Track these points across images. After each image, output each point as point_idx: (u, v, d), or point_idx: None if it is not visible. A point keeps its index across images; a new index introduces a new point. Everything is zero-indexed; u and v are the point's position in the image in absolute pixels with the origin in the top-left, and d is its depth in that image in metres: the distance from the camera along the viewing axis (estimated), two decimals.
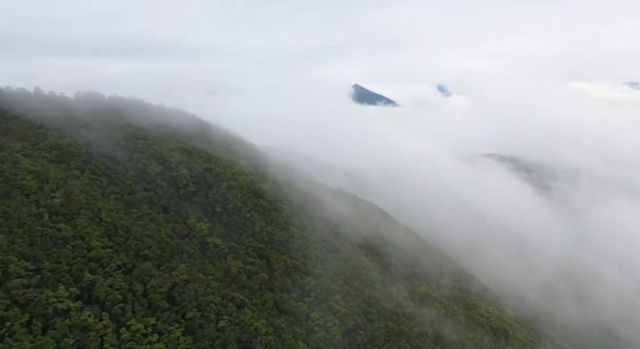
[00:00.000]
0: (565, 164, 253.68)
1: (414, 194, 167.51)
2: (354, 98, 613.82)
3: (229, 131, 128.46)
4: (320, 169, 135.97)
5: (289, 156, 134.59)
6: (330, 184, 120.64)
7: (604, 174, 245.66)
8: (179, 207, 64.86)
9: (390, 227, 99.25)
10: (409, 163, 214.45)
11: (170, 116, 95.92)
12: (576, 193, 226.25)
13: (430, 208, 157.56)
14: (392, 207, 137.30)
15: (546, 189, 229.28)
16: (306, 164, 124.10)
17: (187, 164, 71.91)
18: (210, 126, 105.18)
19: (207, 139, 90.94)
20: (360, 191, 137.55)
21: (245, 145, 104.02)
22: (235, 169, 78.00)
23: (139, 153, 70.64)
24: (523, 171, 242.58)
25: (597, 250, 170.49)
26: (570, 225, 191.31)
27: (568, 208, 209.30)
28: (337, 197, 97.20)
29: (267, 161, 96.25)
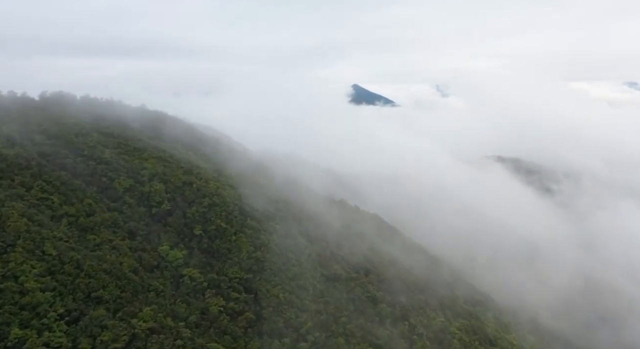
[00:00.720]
0: (566, 166, 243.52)
1: (414, 197, 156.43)
2: (353, 98, 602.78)
3: (220, 135, 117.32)
4: (318, 175, 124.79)
5: (285, 161, 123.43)
6: (328, 191, 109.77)
7: (606, 176, 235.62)
8: (150, 230, 53.56)
9: (396, 243, 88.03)
10: (407, 165, 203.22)
11: (151, 120, 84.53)
12: (579, 196, 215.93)
13: (431, 212, 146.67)
14: (391, 212, 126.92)
15: (548, 192, 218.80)
16: (303, 171, 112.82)
17: (162, 177, 60.57)
18: (197, 130, 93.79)
19: (192, 146, 79.54)
20: (358, 196, 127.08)
21: (236, 151, 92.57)
22: (221, 182, 66.68)
23: (104, 165, 59.25)
24: (524, 173, 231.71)
25: (608, 258, 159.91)
26: (576, 230, 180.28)
27: (572, 212, 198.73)
28: (337, 209, 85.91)
29: (259, 170, 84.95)
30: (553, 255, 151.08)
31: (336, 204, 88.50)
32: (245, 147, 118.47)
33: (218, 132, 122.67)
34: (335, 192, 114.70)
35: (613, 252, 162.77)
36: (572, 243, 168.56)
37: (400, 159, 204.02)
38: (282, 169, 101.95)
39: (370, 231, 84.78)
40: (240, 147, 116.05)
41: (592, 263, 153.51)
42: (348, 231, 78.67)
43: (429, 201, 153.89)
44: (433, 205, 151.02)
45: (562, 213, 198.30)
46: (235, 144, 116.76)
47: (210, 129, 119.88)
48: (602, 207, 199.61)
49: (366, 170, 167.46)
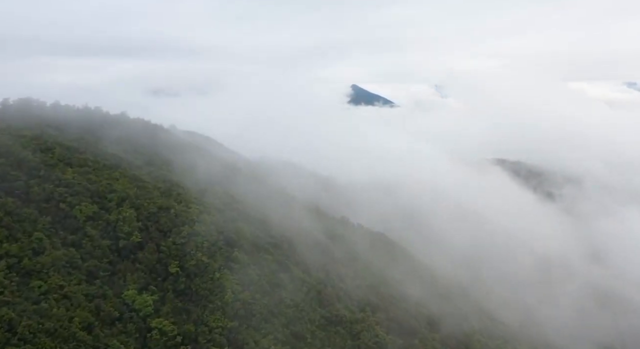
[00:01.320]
0: (567, 168, 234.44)
1: (414, 206, 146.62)
2: (352, 99, 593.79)
3: (212, 143, 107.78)
4: (316, 187, 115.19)
5: (281, 171, 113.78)
6: (328, 205, 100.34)
7: (607, 179, 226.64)
8: (114, 270, 43.96)
9: (404, 267, 78.43)
10: (406, 172, 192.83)
11: (131, 130, 74.74)
12: (582, 202, 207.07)
13: (431, 221, 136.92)
14: (391, 223, 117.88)
15: (550, 197, 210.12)
16: (300, 183, 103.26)
17: (134, 201, 50.88)
18: (183, 140, 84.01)
19: (175, 160, 69.77)
20: (357, 207, 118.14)
21: (227, 163, 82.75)
22: (205, 204, 57.05)
23: (64, 187, 49.55)
24: (524, 177, 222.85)
25: (620, 271, 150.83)
26: (583, 239, 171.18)
27: (577, 219, 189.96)
28: (338, 229, 76.34)
29: (252, 185, 75.23)
30: (562, 268, 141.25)
31: (337, 223, 78.93)
32: (237, 156, 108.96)
33: (210, 140, 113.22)
34: (335, 206, 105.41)
35: (625, 264, 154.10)
36: (580, 253, 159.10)
37: (399, 164, 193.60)
38: (277, 183, 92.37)
39: (376, 253, 75.24)
40: (232, 156, 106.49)
41: (603, 276, 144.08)
42: (351, 256, 69.13)
43: (429, 209, 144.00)
44: (433, 213, 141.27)
45: (566, 220, 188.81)
46: (227, 152, 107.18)
47: (200, 137, 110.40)
48: (607, 214, 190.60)
49: (365, 177, 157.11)
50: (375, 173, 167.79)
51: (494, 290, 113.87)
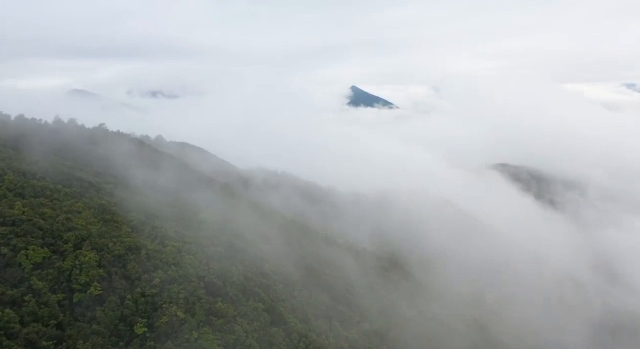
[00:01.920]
0: (568, 175, 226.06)
1: (413, 217, 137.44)
2: (351, 100, 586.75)
3: (203, 156, 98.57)
4: (313, 203, 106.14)
5: (278, 183, 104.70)
6: (326, 224, 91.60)
7: (609, 186, 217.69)
8: (63, 336, 34.86)
9: (417, 298, 69.48)
10: (406, 180, 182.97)
11: (108, 147, 65.46)
12: (586, 209, 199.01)
13: (430, 230, 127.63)
14: (391, 236, 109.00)
15: (552, 204, 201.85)
16: (295, 199, 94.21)
17: (97, 241, 41.76)
18: (171, 156, 74.61)
19: (156, 181, 60.46)
20: (352, 218, 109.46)
21: (217, 182, 73.42)
22: (187, 238, 47.89)
23: (10, 226, 40.35)
24: (525, 183, 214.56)
25: (631, 286, 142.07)
26: (589, 250, 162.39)
27: (581, 228, 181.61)
28: (342, 257, 67.20)
29: (242, 208, 66.02)
30: (572, 285, 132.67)
31: (341, 250, 69.73)
32: (229, 169, 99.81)
33: (202, 152, 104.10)
34: (335, 222, 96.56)
35: (635, 278, 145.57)
36: (588, 266, 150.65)
37: (397, 172, 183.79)
38: (272, 200, 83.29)
39: (382, 284, 66.18)
40: (224, 169, 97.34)
41: (614, 293, 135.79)
42: (354, 290, 60.03)
43: (428, 221, 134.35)
44: (433, 225, 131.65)
45: (571, 230, 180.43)
46: (219, 166, 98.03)
47: (191, 148, 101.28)
48: (612, 223, 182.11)
49: (363, 188, 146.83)
50: (373, 182, 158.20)
51: (501, 311, 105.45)
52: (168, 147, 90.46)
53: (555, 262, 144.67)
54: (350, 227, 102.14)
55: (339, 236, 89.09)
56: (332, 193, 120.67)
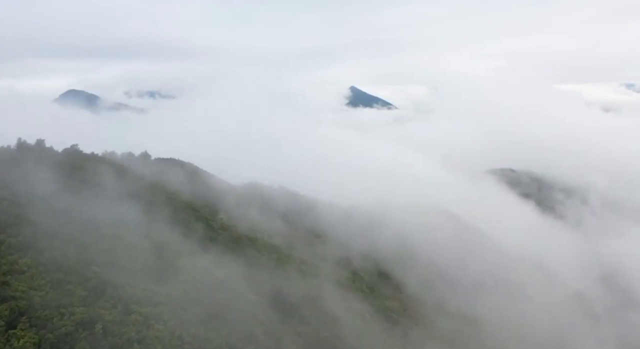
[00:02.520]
0: (569, 182, 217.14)
1: (408, 224, 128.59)
2: (350, 101, 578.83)
3: (192, 174, 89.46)
4: (312, 216, 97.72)
5: (274, 199, 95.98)
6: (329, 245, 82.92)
7: (611, 193, 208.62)
8: None
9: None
10: (405, 190, 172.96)
11: (92, 175, 56.32)
12: (589, 219, 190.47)
13: (428, 242, 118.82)
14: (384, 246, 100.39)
15: (553, 212, 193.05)
16: (293, 218, 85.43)
17: (38, 315, 32.84)
18: (154, 182, 65.43)
19: (129, 217, 51.37)
20: (353, 231, 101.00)
21: (200, 211, 64.23)
22: (158, 297, 38.96)
23: None
24: (524, 189, 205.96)
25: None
26: (595, 263, 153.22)
27: (586, 237, 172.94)
28: (345, 306, 58.20)
29: (232, 246, 56.94)
30: (583, 304, 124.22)
31: (344, 297, 60.55)
32: (220, 188, 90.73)
33: (192, 169, 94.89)
34: (340, 243, 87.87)
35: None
36: (597, 281, 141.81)
37: (395, 180, 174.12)
38: (266, 226, 74.44)
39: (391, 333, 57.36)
40: (214, 187, 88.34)
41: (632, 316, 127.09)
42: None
43: (426, 236, 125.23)
44: (431, 236, 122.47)
45: (574, 239, 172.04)
46: (210, 184, 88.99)
47: (179, 165, 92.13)
48: (616, 234, 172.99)
49: (359, 198, 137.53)
50: (369, 192, 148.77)
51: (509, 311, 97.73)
52: (153, 166, 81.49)
53: (563, 276, 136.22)
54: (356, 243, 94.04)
55: (339, 262, 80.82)
56: (330, 208, 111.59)
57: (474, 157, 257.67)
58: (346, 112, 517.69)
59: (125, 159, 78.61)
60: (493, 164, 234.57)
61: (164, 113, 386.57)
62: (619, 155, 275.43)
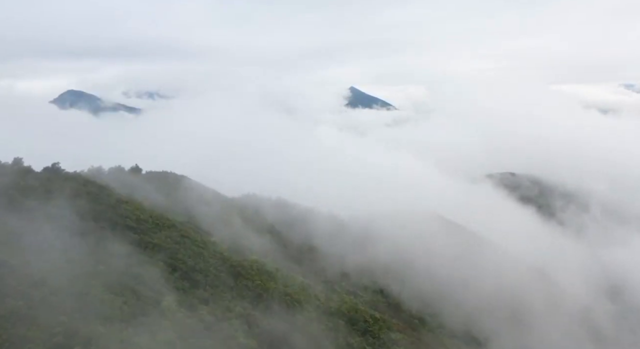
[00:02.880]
0: (570, 187, 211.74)
1: (406, 234, 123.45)
2: (350, 101, 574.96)
3: (184, 187, 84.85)
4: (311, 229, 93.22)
5: (271, 214, 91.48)
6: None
7: (612, 199, 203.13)
8: None
9: None
10: (396, 189, 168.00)
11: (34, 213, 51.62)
12: (590, 224, 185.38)
13: (428, 244, 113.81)
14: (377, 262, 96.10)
15: (554, 218, 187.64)
16: (293, 233, 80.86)
17: None
18: (132, 204, 60.68)
19: (103, 254, 46.80)
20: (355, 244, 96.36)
21: (188, 237, 59.64)
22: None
23: None
24: (524, 193, 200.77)
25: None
26: (601, 276, 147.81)
27: (585, 245, 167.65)
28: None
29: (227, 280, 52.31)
30: (587, 313, 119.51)
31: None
32: (217, 201, 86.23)
33: (185, 181, 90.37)
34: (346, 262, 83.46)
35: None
36: (603, 293, 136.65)
37: (392, 186, 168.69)
38: (261, 246, 69.93)
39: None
40: (210, 201, 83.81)
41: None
42: None
43: (426, 246, 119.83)
44: (432, 251, 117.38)
45: (577, 248, 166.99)
46: (206, 197, 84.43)
47: (170, 178, 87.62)
48: (620, 243, 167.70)
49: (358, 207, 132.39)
50: (366, 200, 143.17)
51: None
52: (143, 182, 76.94)
53: (569, 290, 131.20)
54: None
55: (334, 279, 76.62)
56: (325, 219, 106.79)
57: (472, 160, 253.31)
58: (345, 113, 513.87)
59: (113, 175, 74.22)
60: (492, 166, 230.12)
61: (161, 115, 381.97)
62: (619, 158, 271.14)
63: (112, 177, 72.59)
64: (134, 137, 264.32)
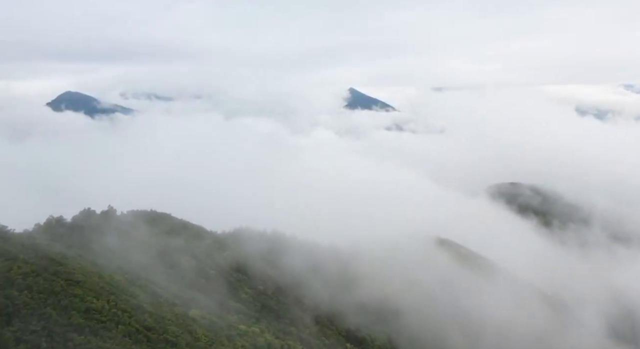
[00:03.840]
0: (571, 201, 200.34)
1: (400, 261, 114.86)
2: (349, 103, 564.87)
3: (165, 226, 77.04)
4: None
5: (266, 249, 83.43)
6: None
7: (613, 214, 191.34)
8: None
9: None
10: (390, 209, 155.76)
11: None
12: (596, 245, 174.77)
13: (422, 273, 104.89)
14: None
15: (555, 234, 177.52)
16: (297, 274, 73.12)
17: None
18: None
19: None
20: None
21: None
22: None
23: None
24: (523, 204, 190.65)
25: None
26: (610, 293, 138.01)
27: (594, 265, 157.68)
28: None
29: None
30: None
31: None
32: (201, 237, 78.35)
33: (167, 219, 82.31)
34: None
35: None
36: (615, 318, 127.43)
37: (389, 205, 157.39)
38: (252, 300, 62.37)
39: None
40: (192, 241, 75.98)
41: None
42: None
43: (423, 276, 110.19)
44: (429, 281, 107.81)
45: (582, 266, 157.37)
46: (189, 236, 76.65)
47: (149, 217, 79.68)
48: (626, 262, 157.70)
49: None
50: (359, 222, 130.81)
51: None
52: (116, 226, 69.17)
53: (579, 314, 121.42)
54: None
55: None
56: (311, 249, 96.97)
57: (469, 171, 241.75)
58: (344, 114, 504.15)
59: (79, 221, 66.73)
60: (491, 176, 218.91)
61: (157, 117, 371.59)
62: (619, 166, 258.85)
63: (76, 223, 65.32)
64: (126, 144, 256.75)
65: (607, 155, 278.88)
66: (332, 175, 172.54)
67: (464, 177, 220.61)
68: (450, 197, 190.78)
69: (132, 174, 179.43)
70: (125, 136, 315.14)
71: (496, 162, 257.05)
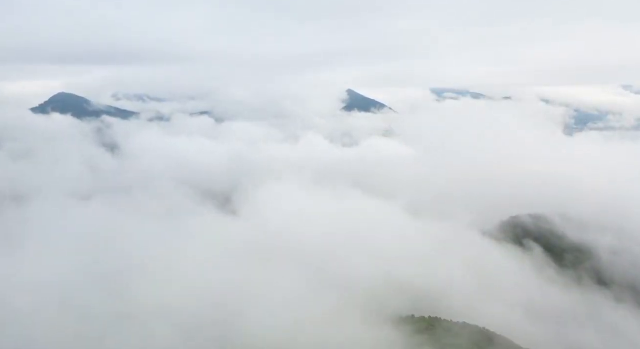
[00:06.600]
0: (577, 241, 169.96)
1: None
2: (347, 104, 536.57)
3: None
4: None
5: None
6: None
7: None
8: None
9: None
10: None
11: None
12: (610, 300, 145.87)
13: None
14: None
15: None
16: None
17: None
18: None
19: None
20: None
21: None
22: None
23: None
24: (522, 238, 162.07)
25: None
26: None
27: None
28: None
29: None
30: None
31: None
32: None
33: None
34: None
35: None
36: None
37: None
38: None
39: None
40: None
41: None
42: None
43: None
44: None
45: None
46: None
47: None
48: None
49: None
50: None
51: None
52: None
53: None
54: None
55: None
56: None
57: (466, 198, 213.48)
58: (340, 117, 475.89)
59: None
60: (491, 209, 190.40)
61: (149, 129, 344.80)
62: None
63: None
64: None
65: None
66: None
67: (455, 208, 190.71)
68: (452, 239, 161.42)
69: None
70: (108, 144, 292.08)
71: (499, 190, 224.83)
